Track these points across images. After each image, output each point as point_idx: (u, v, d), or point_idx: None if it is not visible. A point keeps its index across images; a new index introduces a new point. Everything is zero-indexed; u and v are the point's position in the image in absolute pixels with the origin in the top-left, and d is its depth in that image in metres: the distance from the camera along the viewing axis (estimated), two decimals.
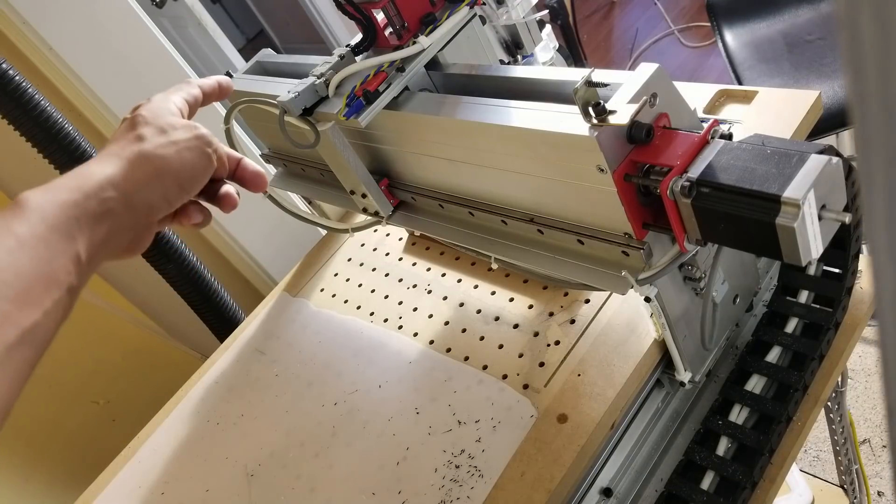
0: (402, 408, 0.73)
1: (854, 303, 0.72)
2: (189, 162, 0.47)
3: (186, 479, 0.79)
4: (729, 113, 0.70)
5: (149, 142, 0.46)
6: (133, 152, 0.45)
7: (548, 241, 0.62)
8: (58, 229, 0.40)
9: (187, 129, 0.48)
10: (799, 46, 1.28)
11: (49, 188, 0.41)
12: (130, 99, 1.14)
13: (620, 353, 0.66)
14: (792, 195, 0.42)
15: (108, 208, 0.43)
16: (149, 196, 0.45)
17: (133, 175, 0.44)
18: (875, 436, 1.43)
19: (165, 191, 0.46)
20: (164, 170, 0.46)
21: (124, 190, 0.44)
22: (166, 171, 0.46)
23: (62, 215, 0.40)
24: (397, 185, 0.73)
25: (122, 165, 0.44)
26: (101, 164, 0.44)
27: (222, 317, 1.13)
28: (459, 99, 0.59)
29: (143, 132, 0.47)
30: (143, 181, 0.45)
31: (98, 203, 0.42)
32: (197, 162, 0.48)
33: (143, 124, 0.47)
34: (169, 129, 0.47)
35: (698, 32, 2.52)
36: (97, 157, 0.46)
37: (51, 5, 1.04)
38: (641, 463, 0.69)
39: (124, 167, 0.44)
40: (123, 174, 0.44)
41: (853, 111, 0.18)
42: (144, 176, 0.45)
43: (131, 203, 0.44)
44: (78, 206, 0.41)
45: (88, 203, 0.41)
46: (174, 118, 0.49)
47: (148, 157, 0.45)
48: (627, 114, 0.45)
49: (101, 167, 0.44)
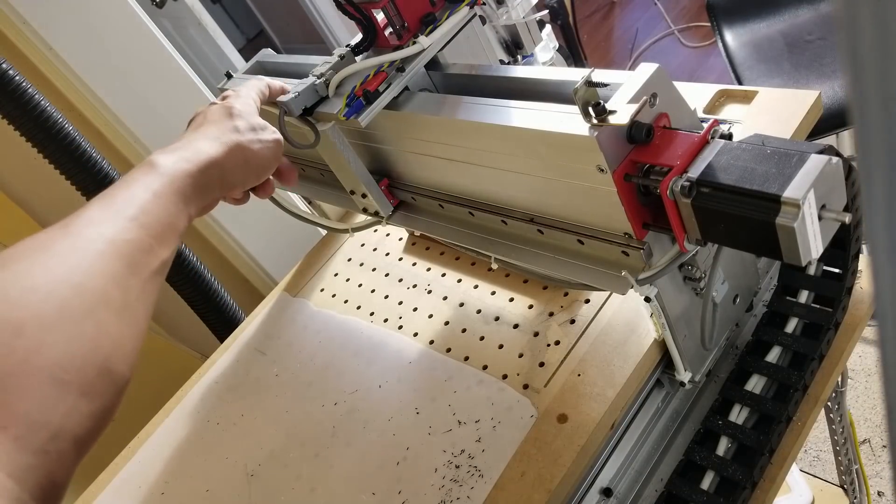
0: (402, 408, 0.73)
1: (854, 303, 0.72)
2: (266, 158, 0.58)
3: (186, 479, 0.79)
4: (729, 113, 0.70)
5: (244, 135, 0.56)
6: (232, 140, 0.55)
7: (548, 241, 0.62)
8: (181, 192, 0.49)
9: (270, 131, 0.59)
10: (799, 46, 1.28)
11: (172, 155, 0.51)
12: (130, 99, 1.15)
13: (620, 353, 0.66)
14: (792, 195, 0.42)
15: (211, 182, 0.53)
16: (235, 178, 0.56)
17: (229, 159, 0.54)
18: (875, 436, 1.43)
19: (246, 176, 0.57)
20: (250, 160, 0.56)
21: (222, 170, 0.54)
22: (251, 162, 0.57)
23: (183, 182, 0.50)
24: (397, 185, 0.73)
25: (223, 150, 0.54)
26: (208, 143, 0.54)
27: (222, 317, 1.13)
28: (459, 99, 0.59)
29: (238, 125, 0.56)
30: (236, 166, 0.55)
31: (206, 178, 0.52)
32: (271, 159, 0.59)
33: (239, 117, 0.57)
34: (258, 128, 0.58)
35: (698, 32, 2.52)
36: (199, 133, 0.55)
37: (51, 5, 1.04)
38: (641, 463, 0.69)
39: (224, 152, 0.54)
40: (223, 157, 0.54)
41: (853, 111, 0.18)
42: (237, 162, 0.55)
43: (224, 181, 0.55)
44: (193, 177, 0.51)
45: (201, 177, 0.51)
46: (260, 119, 0.59)
47: (242, 148, 0.56)
48: (627, 114, 0.45)
49: (208, 146, 0.53)
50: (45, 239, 0.41)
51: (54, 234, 0.41)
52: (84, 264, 0.40)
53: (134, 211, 0.45)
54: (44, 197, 1.23)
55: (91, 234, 0.42)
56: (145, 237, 0.44)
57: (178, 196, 0.49)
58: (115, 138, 1.17)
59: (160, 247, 0.45)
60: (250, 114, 0.58)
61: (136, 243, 0.43)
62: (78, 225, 0.42)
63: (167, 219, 0.47)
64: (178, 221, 0.48)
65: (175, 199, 0.48)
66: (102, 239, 0.42)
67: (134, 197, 0.46)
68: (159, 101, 1.16)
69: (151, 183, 0.48)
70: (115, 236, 0.42)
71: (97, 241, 0.41)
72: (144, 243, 0.44)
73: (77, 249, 0.41)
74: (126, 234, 0.43)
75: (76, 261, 0.40)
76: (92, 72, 1.10)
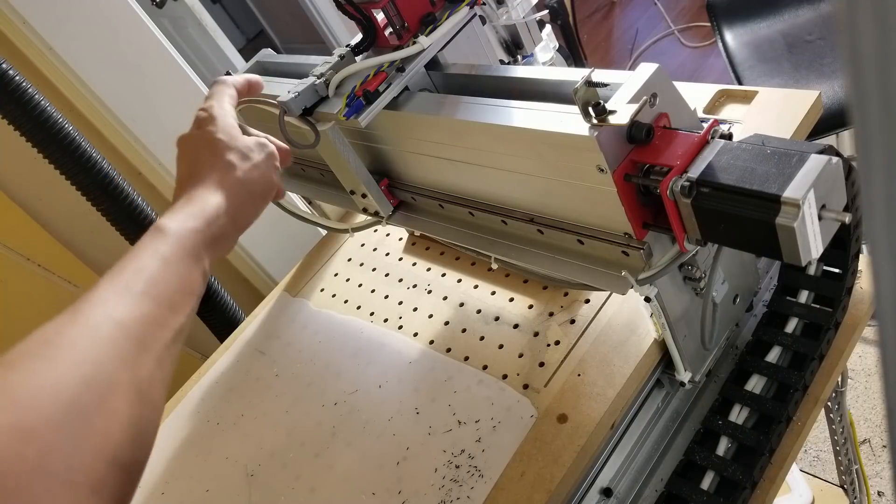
0: (402, 408, 0.73)
1: (854, 303, 0.72)
2: (268, 179, 0.57)
3: (186, 479, 0.79)
4: (729, 113, 0.70)
5: (239, 169, 0.55)
6: (231, 182, 0.54)
7: (548, 241, 0.62)
8: (192, 252, 0.48)
9: (259, 148, 0.57)
10: (799, 46, 1.28)
11: (178, 214, 0.50)
12: (130, 99, 1.15)
13: (620, 353, 0.66)
14: (792, 195, 0.42)
15: (222, 233, 0.52)
16: (247, 215, 0.56)
17: (235, 202, 0.54)
18: (875, 436, 1.43)
19: (257, 207, 0.57)
20: (255, 192, 0.56)
21: (232, 216, 0.53)
22: (256, 193, 0.56)
23: (192, 241, 0.49)
24: (397, 185, 0.73)
25: (227, 195, 0.54)
26: (211, 194, 0.53)
27: (222, 317, 1.13)
28: (459, 99, 0.59)
29: (231, 159, 0.55)
30: (243, 205, 0.55)
31: (216, 229, 0.51)
32: (272, 177, 0.58)
33: (227, 150, 0.55)
34: (247, 151, 0.56)
35: (698, 32, 2.52)
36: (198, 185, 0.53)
37: (51, 5, 1.04)
38: (641, 463, 0.69)
39: (228, 196, 0.54)
40: (229, 202, 0.53)
41: (853, 111, 0.18)
42: (243, 201, 0.55)
43: (237, 224, 0.54)
44: (202, 233, 0.50)
45: (209, 230, 0.51)
46: (245, 138, 0.57)
47: (243, 184, 0.55)
48: (627, 114, 0.45)
49: (212, 197, 0.53)
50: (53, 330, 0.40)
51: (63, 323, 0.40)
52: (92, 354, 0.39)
53: (143, 284, 0.44)
54: (44, 198, 1.23)
55: (99, 317, 0.41)
56: (156, 310, 0.43)
57: (190, 256, 0.48)
58: (115, 138, 1.17)
59: (174, 315, 0.44)
60: (235, 138, 0.56)
61: (146, 319, 0.42)
62: (86, 308, 0.41)
63: (179, 284, 0.46)
64: (192, 282, 0.47)
65: (186, 260, 0.47)
66: (111, 322, 0.41)
67: (143, 268, 0.45)
68: (159, 101, 1.17)
69: (159, 248, 0.47)
70: (123, 316, 0.41)
71: (105, 325, 0.40)
72: (155, 317, 0.43)
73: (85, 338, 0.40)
74: (135, 311, 0.42)
75: (84, 351, 0.39)
76: (92, 72, 1.10)
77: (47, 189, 1.14)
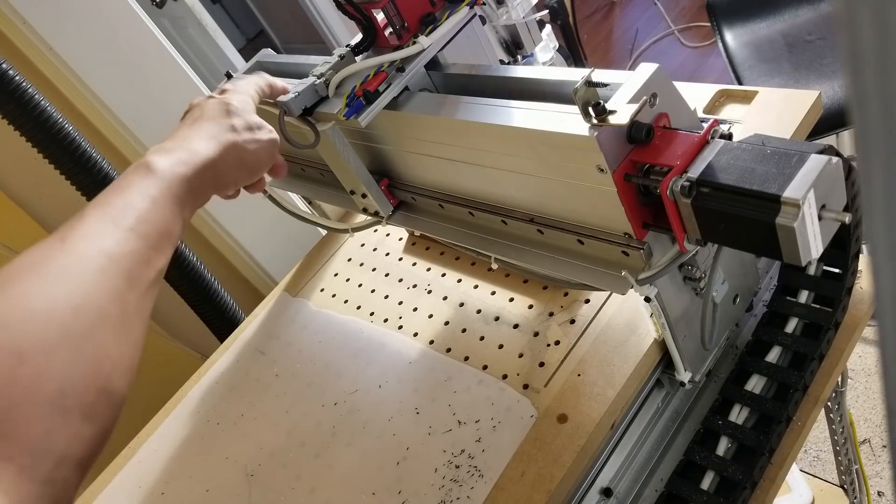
0: (402, 408, 0.73)
1: (854, 303, 0.72)
2: (261, 158, 0.58)
3: (186, 479, 0.79)
4: (729, 113, 0.70)
5: (240, 135, 0.56)
6: (228, 140, 0.55)
7: (548, 241, 0.62)
8: (178, 197, 0.49)
9: (266, 130, 0.58)
10: (799, 46, 1.28)
11: (169, 156, 0.50)
12: (130, 99, 1.15)
13: (620, 353, 0.66)
14: (792, 195, 0.42)
15: (205, 184, 0.52)
16: (230, 178, 0.56)
17: (225, 160, 0.54)
18: (875, 436, 1.42)
19: (239, 176, 0.57)
20: (245, 160, 0.56)
21: (217, 171, 0.53)
22: (246, 162, 0.56)
23: (180, 187, 0.49)
24: (397, 185, 0.73)
25: (219, 150, 0.54)
26: (203, 143, 0.53)
27: (222, 317, 1.13)
28: (459, 99, 0.59)
29: (235, 123, 0.56)
30: (230, 167, 0.55)
31: (201, 181, 0.52)
32: (266, 160, 0.58)
33: (235, 115, 0.57)
34: (255, 127, 0.57)
35: (698, 32, 2.52)
36: (195, 130, 0.54)
37: (51, 5, 1.04)
38: (641, 463, 0.69)
39: (220, 152, 0.54)
40: (218, 158, 0.53)
41: (853, 111, 0.18)
42: (232, 162, 0.55)
43: (219, 182, 0.55)
44: (189, 181, 0.50)
45: (196, 180, 0.51)
46: (256, 117, 0.58)
47: (237, 148, 0.55)
48: (627, 114, 0.45)
49: (204, 146, 0.53)
50: (42, 255, 0.40)
51: (51, 249, 0.40)
52: (83, 284, 0.39)
53: (132, 220, 0.44)
54: (44, 197, 1.23)
55: (89, 249, 0.41)
56: (143, 248, 0.44)
57: (175, 202, 0.48)
58: (115, 138, 1.17)
59: (157, 256, 0.45)
60: (247, 111, 0.58)
61: (134, 255, 0.43)
62: (75, 238, 0.41)
63: (164, 226, 0.46)
64: (174, 228, 0.48)
65: (172, 205, 0.48)
66: (101, 254, 0.41)
67: (131, 204, 0.45)
68: (159, 101, 1.16)
69: (149, 188, 0.47)
70: (113, 249, 0.42)
71: (96, 258, 0.41)
72: (143, 255, 0.44)
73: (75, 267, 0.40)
74: (125, 246, 0.43)
75: (75, 280, 0.39)
76: (92, 72, 1.10)
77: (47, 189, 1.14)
